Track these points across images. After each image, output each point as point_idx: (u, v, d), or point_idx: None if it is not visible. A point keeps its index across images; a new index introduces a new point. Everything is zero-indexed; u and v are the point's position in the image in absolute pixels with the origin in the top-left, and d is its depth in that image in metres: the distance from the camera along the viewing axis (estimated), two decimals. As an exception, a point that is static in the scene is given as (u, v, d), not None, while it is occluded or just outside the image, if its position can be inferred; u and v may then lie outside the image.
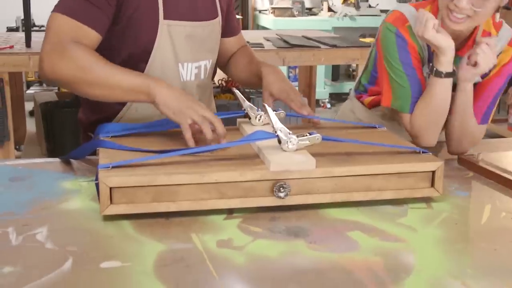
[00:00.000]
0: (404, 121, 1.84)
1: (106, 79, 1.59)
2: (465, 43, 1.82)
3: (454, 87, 1.80)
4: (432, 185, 1.50)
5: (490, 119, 1.90)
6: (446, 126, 1.87)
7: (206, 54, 1.92)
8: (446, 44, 1.70)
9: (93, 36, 1.67)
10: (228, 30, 2.04)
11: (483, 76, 1.83)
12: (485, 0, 1.63)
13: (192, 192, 1.36)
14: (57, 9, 1.66)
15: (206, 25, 1.87)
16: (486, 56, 1.70)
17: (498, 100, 1.89)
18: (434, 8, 1.80)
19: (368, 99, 2.05)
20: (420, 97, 1.81)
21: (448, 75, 1.74)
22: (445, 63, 1.73)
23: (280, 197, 1.39)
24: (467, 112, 1.82)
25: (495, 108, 1.90)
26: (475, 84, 1.81)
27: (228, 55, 2.09)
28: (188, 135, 1.53)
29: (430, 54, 1.83)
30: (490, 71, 1.80)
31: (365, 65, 2.10)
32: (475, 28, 1.79)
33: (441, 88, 1.76)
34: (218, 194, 1.38)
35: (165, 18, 1.76)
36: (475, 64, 1.72)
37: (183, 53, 1.83)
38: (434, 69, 1.75)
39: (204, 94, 1.96)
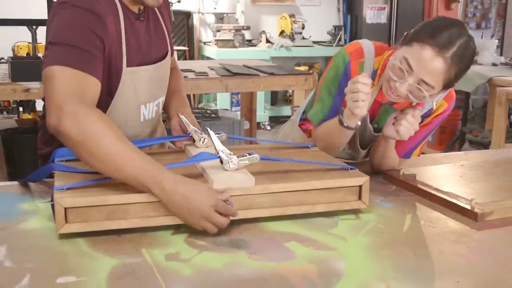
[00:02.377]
0: (313, 131, 1.89)
1: (109, 155, 1.33)
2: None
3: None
4: (360, 198, 1.53)
5: (417, 154, 1.92)
6: (370, 153, 1.90)
7: (163, 90, 1.87)
8: (358, 113, 1.65)
9: (97, 85, 1.50)
10: None
11: None
12: (419, 93, 1.61)
13: (142, 210, 1.35)
14: (55, 61, 1.45)
15: (163, 64, 1.82)
16: (408, 128, 1.69)
17: (424, 142, 1.90)
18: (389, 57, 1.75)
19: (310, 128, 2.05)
20: (327, 123, 1.80)
21: (348, 128, 1.71)
22: (350, 120, 1.69)
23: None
24: (387, 154, 1.83)
25: (420, 147, 1.91)
26: None
27: None
28: (202, 230, 1.36)
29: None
30: (424, 119, 1.80)
31: (311, 97, 2.05)
32: None
33: (339, 132, 1.74)
34: (166, 212, 1.36)
35: (127, 66, 1.66)
36: (396, 129, 1.71)
37: (145, 95, 1.76)
38: (340, 116, 1.71)
39: (157, 123, 1.94)
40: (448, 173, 1.94)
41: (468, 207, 1.54)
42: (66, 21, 1.52)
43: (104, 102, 1.66)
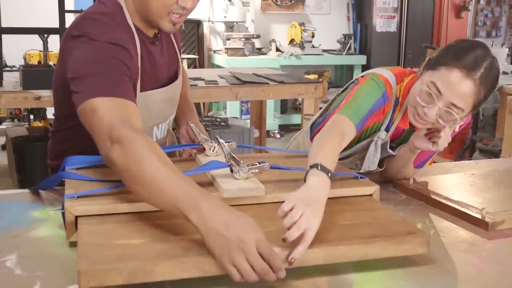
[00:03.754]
0: (346, 126, 1.63)
1: (151, 180, 1.23)
2: None
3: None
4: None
5: (428, 164, 1.93)
6: (386, 164, 1.89)
7: (174, 108, 1.86)
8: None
9: (137, 110, 1.45)
10: None
11: None
12: (449, 118, 1.60)
13: (170, 271, 1.12)
14: (91, 94, 1.40)
15: (176, 83, 1.81)
16: (446, 139, 1.69)
17: (436, 153, 1.90)
18: (413, 80, 1.75)
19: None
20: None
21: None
22: None
23: None
24: (407, 164, 1.83)
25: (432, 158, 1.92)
26: None
27: None
28: (236, 278, 1.12)
29: (389, 125, 1.81)
30: None
31: (324, 109, 2.05)
32: None
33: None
34: (200, 272, 1.14)
35: (141, 91, 1.65)
36: (433, 142, 1.70)
37: (157, 117, 1.76)
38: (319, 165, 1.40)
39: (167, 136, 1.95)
40: (458, 182, 1.93)
41: (479, 216, 1.53)
42: (89, 55, 1.48)
43: None
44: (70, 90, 1.48)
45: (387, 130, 1.82)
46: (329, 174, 1.38)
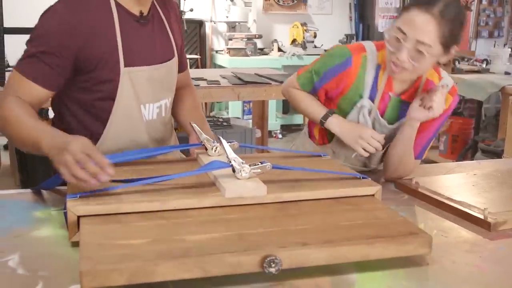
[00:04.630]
0: (291, 89, 2.06)
1: (20, 130, 1.56)
2: (408, 89, 1.87)
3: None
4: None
5: (424, 156, 1.94)
6: (386, 155, 1.90)
7: (165, 93, 1.88)
8: (358, 151, 1.87)
9: (39, 92, 1.64)
10: (178, 67, 1.99)
11: None
12: (420, 57, 1.69)
13: (172, 272, 1.12)
14: (16, 66, 1.67)
15: (164, 67, 1.84)
16: (440, 103, 1.75)
17: (433, 140, 1.93)
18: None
19: (316, 130, 2.08)
20: (310, 102, 1.99)
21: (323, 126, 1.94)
22: (331, 126, 1.92)
23: (271, 273, 1.16)
24: (408, 146, 1.84)
25: (429, 146, 1.94)
26: None
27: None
28: (66, 176, 1.37)
29: (373, 93, 1.86)
30: None
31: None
32: (419, 77, 1.85)
33: (312, 117, 2.00)
34: (201, 272, 1.14)
35: (125, 66, 1.70)
36: (429, 108, 1.75)
37: (144, 95, 1.78)
38: (328, 114, 1.93)
39: (166, 129, 1.95)
40: (460, 182, 1.93)
41: (481, 216, 1.53)
42: (39, 27, 1.66)
43: (107, 104, 1.72)
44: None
45: (372, 99, 1.86)
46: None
